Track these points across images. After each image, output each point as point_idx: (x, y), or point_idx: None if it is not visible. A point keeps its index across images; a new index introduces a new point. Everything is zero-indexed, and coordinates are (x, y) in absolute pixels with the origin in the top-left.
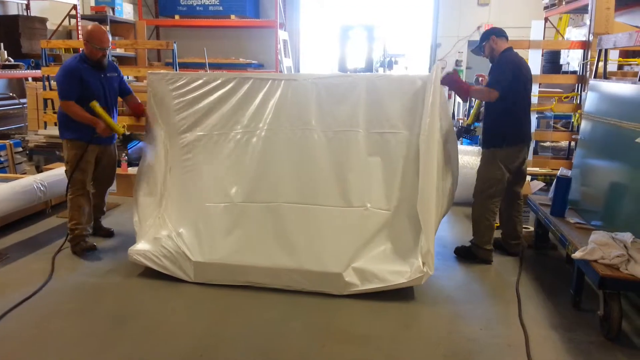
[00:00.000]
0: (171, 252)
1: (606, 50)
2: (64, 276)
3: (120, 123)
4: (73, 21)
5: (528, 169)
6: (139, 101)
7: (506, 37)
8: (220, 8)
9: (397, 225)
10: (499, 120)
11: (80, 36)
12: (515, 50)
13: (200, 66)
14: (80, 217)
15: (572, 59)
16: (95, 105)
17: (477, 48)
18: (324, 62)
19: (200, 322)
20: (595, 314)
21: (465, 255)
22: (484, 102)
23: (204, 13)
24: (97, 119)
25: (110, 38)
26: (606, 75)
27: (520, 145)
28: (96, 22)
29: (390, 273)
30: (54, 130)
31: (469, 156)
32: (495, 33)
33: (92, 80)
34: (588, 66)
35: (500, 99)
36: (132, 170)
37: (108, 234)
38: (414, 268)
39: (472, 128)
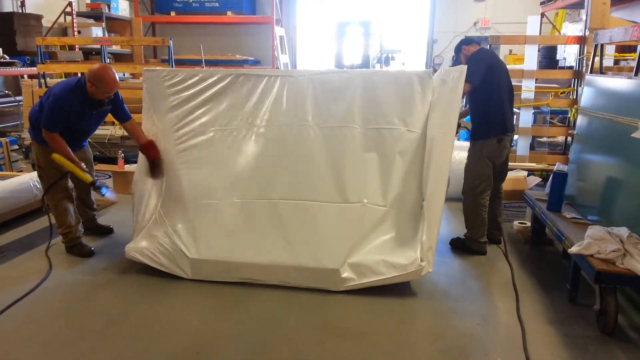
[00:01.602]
0: (168, 249)
1: (602, 45)
2: (60, 274)
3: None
4: (69, 18)
5: (525, 164)
6: (143, 132)
7: (477, 43)
8: (217, 4)
9: (393, 221)
10: (481, 111)
11: (76, 33)
12: (513, 45)
13: (196, 63)
14: (68, 219)
15: (568, 54)
16: (57, 157)
17: (454, 63)
18: (320, 58)
19: (197, 319)
20: (591, 308)
21: (461, 247)
22: (465, 102)
23: (200, 9)
24: (76, 160)
25: (118, 81)
26: (602, 70)
27: (504, 138)
28: (107, 64)
29: (386, 265)
30: None
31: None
32: (464, 42)
33: (80, 118)
34: (584, 61)
35: (478, 92)
36: (129, 167)
37: (107, 231)
38: (411, 261)
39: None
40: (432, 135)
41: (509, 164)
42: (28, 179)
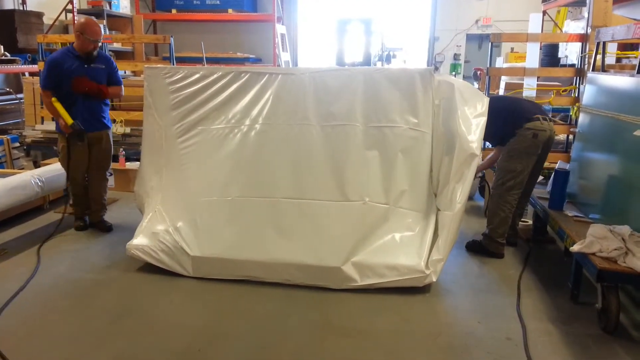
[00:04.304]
0: (169, 246)
1: (604, 43)
2: (62, 271)
3: (119, 117)
4: (70, 15)
5: None
6: (119, 92)
7: None
8: (218, 2)
9: (397, 220)
10: (502, 130)
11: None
12: (515, 43)
13: (197, 60)
14: (73, 201)
15: (570, 52)
16: (55, 101)
17: None
18: (321, 56)
19: (198, 317)
20: (593, 306)
21: (478, 250)
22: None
23: (201, 7)
24: (59, 115)
25: (102, 31)
26: (604, 68)
27: (539, 133)
28: (88, 16)
29: (389, 268)
30: (51, 125)
31: None
32: None
33: (74, 70)
34: (586, 59)
35: (494, 138)
36: (130, 165)
37: (106, 228)
38: (414, 266)
39: None
40: (470, 152)
41: None
42: (29, 177)
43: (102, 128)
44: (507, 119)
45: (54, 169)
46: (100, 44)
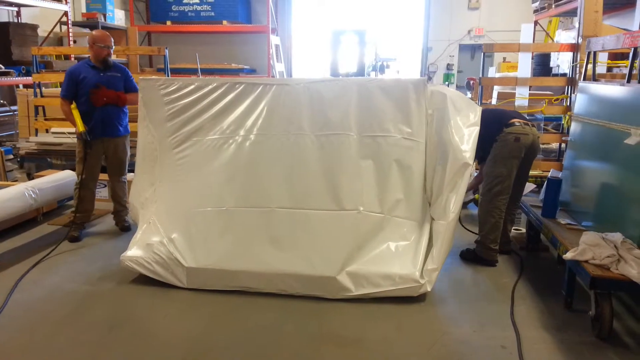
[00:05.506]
0: (163, 258)
1: (595, 53)
2: (56, 283)
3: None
4: (64, 28)
5: None
6: (136, 98)
7: None
8: (212, 14)
9: (391, 229)
10: (480, 141)
11: (71, 43)
12: (507, 53)
13: (192, 72)
14: (77, 207)
15: (561, 62)
16: (74, 108)
17: None
18: (316, 66)
19: (193, 328)
20: (586, 314)
21: (472, 258)
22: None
23: (196, 19)
24: (75, 121)
25: (112, 40)
26: (595, 78)
27: (521, 137)
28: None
29: (384, 278)
30: (45, 137)
31: None
32: None
33: (90, 78)
34: (577, 68)
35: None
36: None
37: (125, 227)
38: (409, 275)
39: None
40: (463, 162)
41: None
42: (23, 189)
43: (117, 134)
44: (486, 129)
45: (48, 181)
46: (112, 50)
